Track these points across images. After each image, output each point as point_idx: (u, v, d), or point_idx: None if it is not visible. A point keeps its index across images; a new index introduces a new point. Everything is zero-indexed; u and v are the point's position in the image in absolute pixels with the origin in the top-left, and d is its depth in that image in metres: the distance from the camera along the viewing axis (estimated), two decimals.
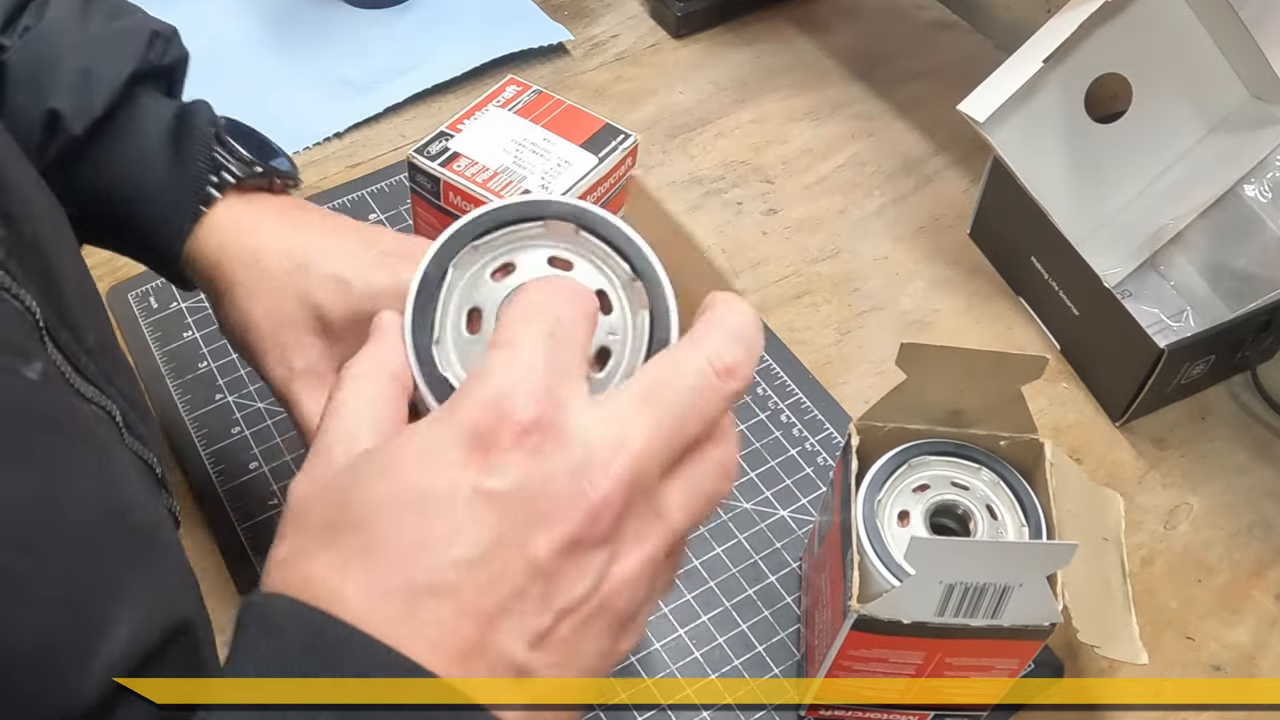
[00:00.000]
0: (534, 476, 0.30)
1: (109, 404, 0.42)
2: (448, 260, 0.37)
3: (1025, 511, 0.54)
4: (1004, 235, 0.79)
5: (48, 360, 0.38)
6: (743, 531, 0.66)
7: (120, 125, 0.52)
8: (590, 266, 0.37)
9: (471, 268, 0.37)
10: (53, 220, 0.45)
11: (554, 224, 0.37)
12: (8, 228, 0.38)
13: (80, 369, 0.41)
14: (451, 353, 0.37)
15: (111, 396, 0.43)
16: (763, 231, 0.82)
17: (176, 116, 0.53)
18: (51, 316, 0.39)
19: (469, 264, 0.37)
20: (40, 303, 0.38)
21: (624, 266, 0.37)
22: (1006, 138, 0.72)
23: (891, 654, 0.52)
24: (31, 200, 0.42)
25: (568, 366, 0.33)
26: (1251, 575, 0.66)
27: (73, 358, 0.40)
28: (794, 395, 0.72)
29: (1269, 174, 0.74)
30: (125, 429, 0.44)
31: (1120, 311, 0.69)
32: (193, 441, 0.68)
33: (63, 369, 0.39)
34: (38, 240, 0.41)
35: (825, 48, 0.94)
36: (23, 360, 0.35)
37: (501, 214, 0.37)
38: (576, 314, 0.34)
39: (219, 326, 0.53)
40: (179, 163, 0.51)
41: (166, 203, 0.51)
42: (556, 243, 0.37)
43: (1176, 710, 0.61)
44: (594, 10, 0.96)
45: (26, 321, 0.37)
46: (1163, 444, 0.72)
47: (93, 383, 0.41)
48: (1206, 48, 0.76)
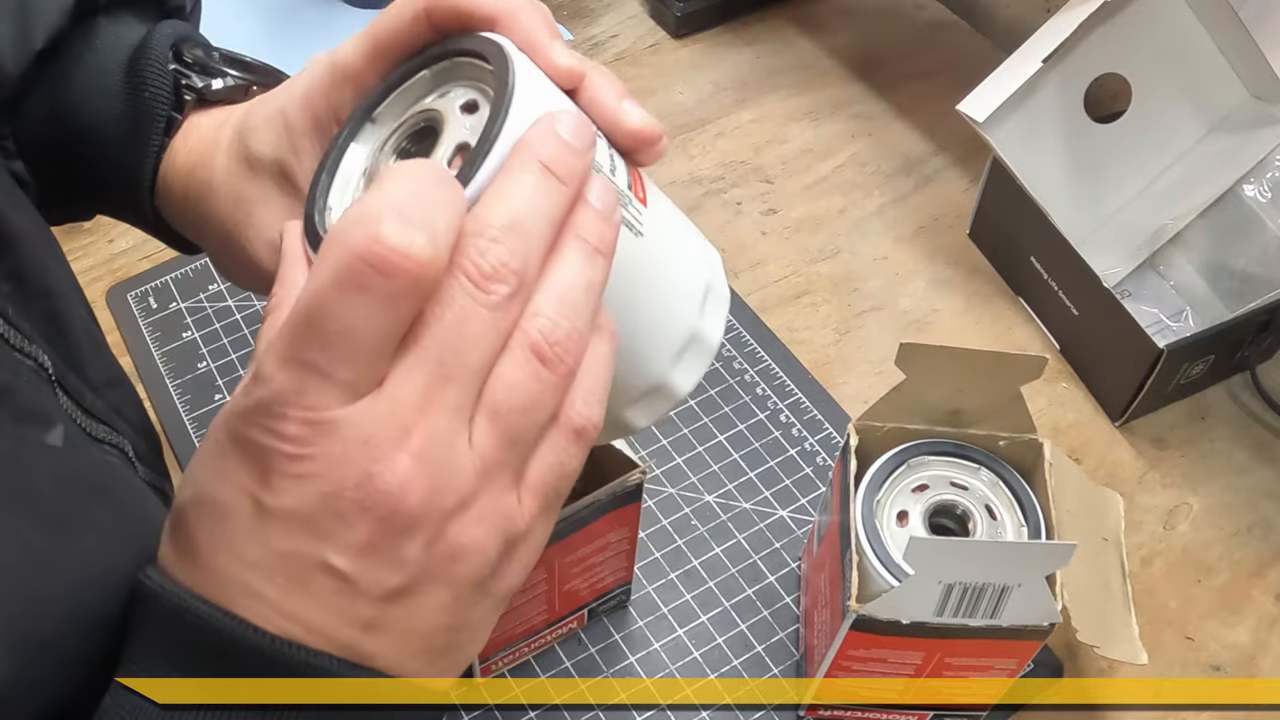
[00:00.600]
0: (305, 500, 0.28)
1: (120, 440, 0.42)
2: (343, 138, 0.35)
3: (1024, 512, 0.54)
4: (1003, 235, 0.79)
5: (62, 414, 0.37)
6: (742, 531, 0.66)
7: (70, 60, 0.45)
8: (463, 87, 0.34)
9: (375, 141, 0.35)
10: (54, 256, 0.43)
11: (437, 69, 0.35)
12: (15, 281, 0.38)
13: (88, 409, 0.40)
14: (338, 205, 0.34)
15: (121, 430, 0.42)
16: (762, 231, 0.82)
17: (141, 43, 0.45)
18: (60, 364, 0.39)
19: (371, 138, 0.35)
20: (49, 351, 0.38)
21: (483, 65, 0.33)
22: (1006, 138, 0.72)
23: (890, 654, 0.52)
24: (34, 242, 0.41)
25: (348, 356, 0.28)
26: (1251, 575, 0.66)
27: (80, 399, 0.40)
28: (793, 395, 0.72)
29: (1269, 174, 0.74)
30: (137, 461, 0.43)
31: (1120, 311, 0.69)
32: (192, 442, 0.68)
33: (73, 415, 0.39)
34: (45, 288, 0.40)
35: (825, 48, 0.94)
36: (44, 426, 0.34)
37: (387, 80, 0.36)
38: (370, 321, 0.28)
39: (224, 277, 0.46)
40: (134, 93, 0.44)
41: (120, 137, 0.44)
42: (444, 86, 0.35)
43: (1176, 710, 0.61)
44: (593, 10, 0.96)
45: (41, 379, 0.37)
46: (1162, 444, 0.72)
47: (102, 421, 0.41)
48: (1206, 48, 0.76)
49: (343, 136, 0.35)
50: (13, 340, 0.36)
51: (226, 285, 0.76)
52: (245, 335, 0.73)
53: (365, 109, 0.35)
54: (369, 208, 0.28)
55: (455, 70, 0.35)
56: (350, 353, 0.28)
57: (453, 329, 0.29)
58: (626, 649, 0.62)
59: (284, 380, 0.28)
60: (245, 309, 0.75)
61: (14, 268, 0.38)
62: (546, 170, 0.30)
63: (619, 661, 0.62)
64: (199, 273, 0.77)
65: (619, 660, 0.62)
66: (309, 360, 0.28)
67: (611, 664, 0.61)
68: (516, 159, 0.30)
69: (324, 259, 0.28)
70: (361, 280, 0.27)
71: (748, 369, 0.73)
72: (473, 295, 0.29)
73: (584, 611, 0.61)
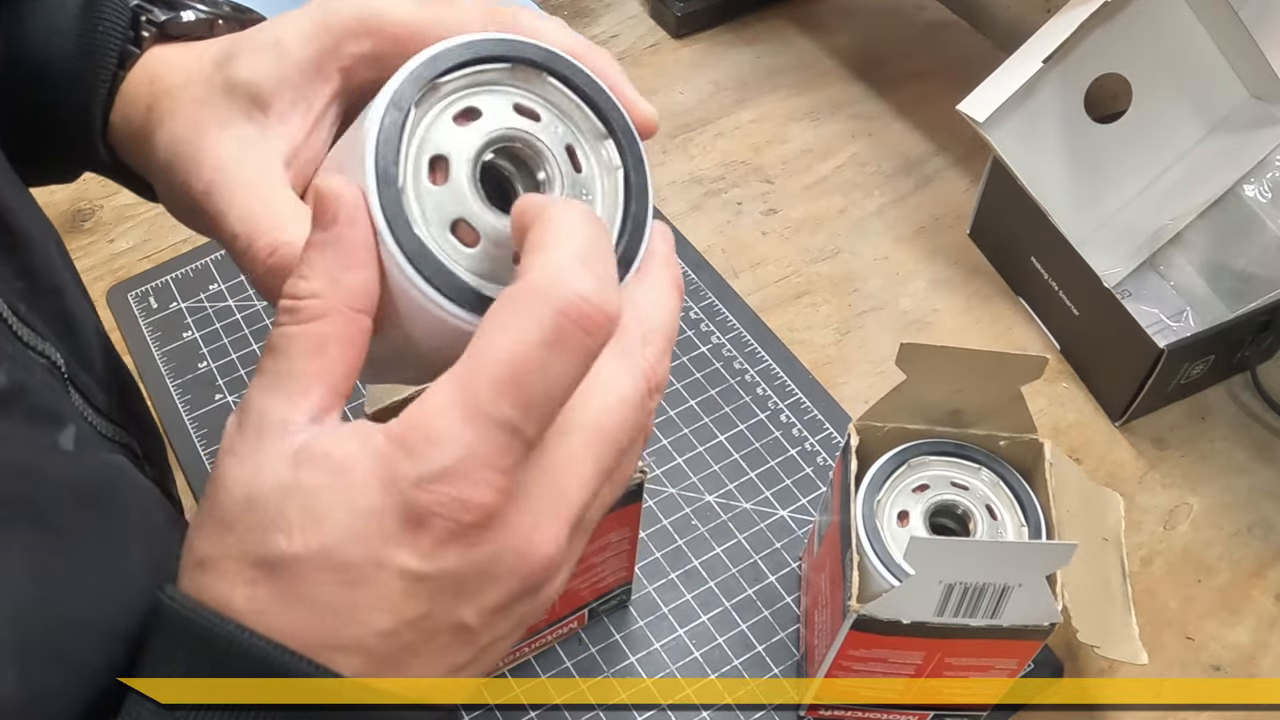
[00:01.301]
0: (467, 565, 0.28)
1: (129, 439, 0.42)
2: (408, 99, 0.32)
3: (1025, 511, 0.54)
4: (1004, 235, 0.79)
5: (74, 412, 0.37)
6: (742, 531, 0.66)
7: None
8: (554, 118, 0.33)
9: (432, 109, 0.32)
10: (61, 254, 0.43)
11: (521, 68, 0.33)
12: (27, 279, 0.37)
13: (99, 408, 0.40)
14: (415, 206, 0.31)
15: (130, 429, 0.42)
16: (762, 231, 0.82)
17: None
18: (72, 362, 0.38)
19: (429, 105, 0.32)
20: (60, 349, 0.37)
21: (594, 120, 0.33)
22: (1006, 138, 0.72)
23: (891, 654, 0.52)
24: (43, 240, 0.40)
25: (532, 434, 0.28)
26: (1251, 575, 0.66)
27: (91, 398, 0.39)
28: (794, 395, 0.72)
29: (1269, 174, 0.74)
30: (145, 460, 0.43)
31: (1120, 311, 0.69)
32: (192, 441, 0.68)
33: (84, 413, 0.38)
34: (56, 286, 0.40)
35: (825, 48, 0.94)
36: (57, 426, 0.34)
37: (465, 50, 0.33)
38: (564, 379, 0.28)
39: (170, 210, 0.41)
40: (90, 28, 0.41)
41: (73, 73, 0.41)
42: (522, 88, 0.33)
43: (1176, 710, 0.61)
44: (594, 10, 0.96)
45: (54, 377, 0.36)
46: (1162, 444, 0.72)
47: (112, 419, 0.41)
48: (1206, 48, 0.76)
49: (408, 96, 0.32)
50: (26, 338, 0.35)
51: (227, 285, 0.76)
52: (246, 335, 0.73)
53: (434, 71, 0.32)
54: (565, 263, 0.27)
55: (546, 90, 0.33)
56: (548, 412, 0.28)
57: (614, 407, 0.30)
58: (627, 649, 0.62)
59: (476, 440, 0.27)
60: (246, 309, 0.75)
61: (25, 265, 0.38)
62: (677, 287, 0.33)
63: (619, 661, 0.62)
64: (199, 273, 0.77)
65: (619, 660, 0.62)
66: (505, 419, 0.27)
67: (612, 664, 0.61)
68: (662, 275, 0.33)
69: (523, 313, 0.27)
70: (568, 339, 0.27)
71: (748, 369, 0.73)
72: (640, 390, 0.30)
73: (584, 611, 0.61)
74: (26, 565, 0.30)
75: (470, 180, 0.32)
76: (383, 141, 0.31)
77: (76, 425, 0.34)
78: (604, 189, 0.33)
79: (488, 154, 0.32)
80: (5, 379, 0.31)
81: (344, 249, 0.30)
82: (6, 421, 0.31)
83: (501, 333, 0.27)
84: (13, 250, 0.37)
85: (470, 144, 0.32)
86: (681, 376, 0.73)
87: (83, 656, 0.31)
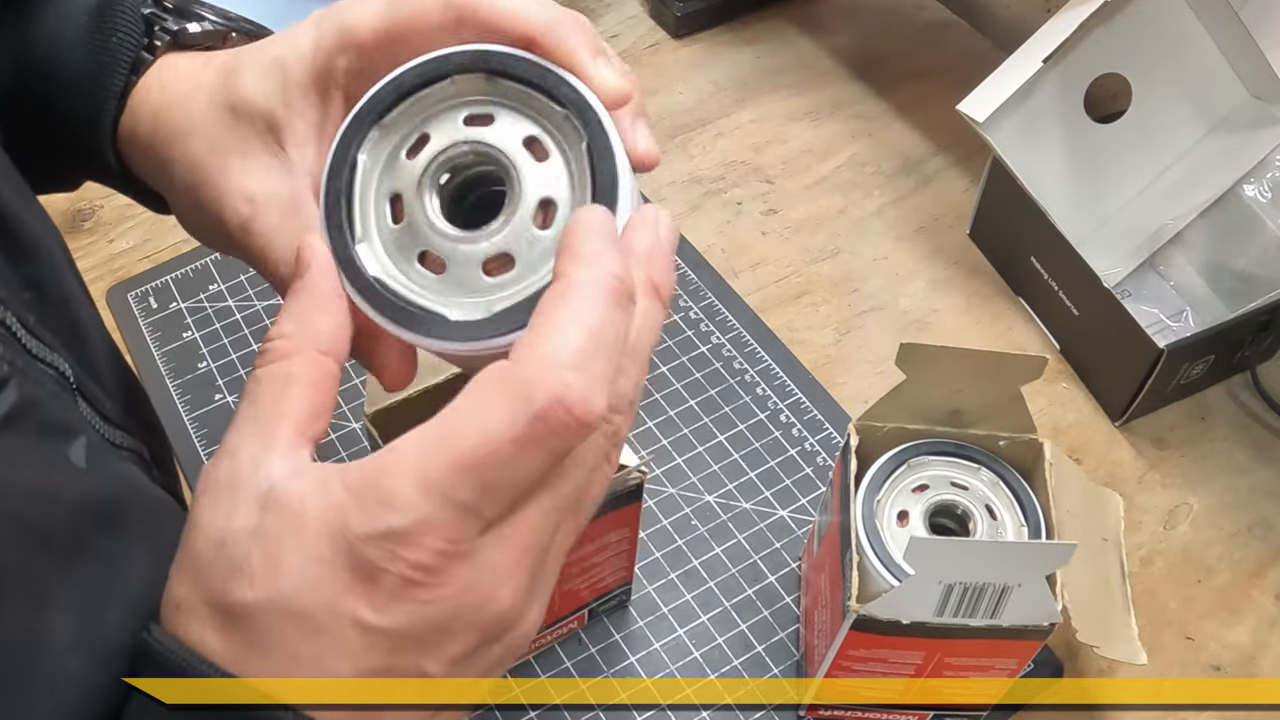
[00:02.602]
0: (421, 620, 0.28)
1: (138, 445, 0.41)
2: (353, 148, 0.33)
3: (1025, 511, 0.54)
4: (1003, 235, 0.79)
5: (84, 423, 0.37)
6: (742, 531, 0.66)
7: (35, 6, 0.42)
8: (511, 115, 0.33)
9: (384, 150, 0.34)
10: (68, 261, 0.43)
11: (461, 79, 0.33)
12: (35, 289, 0.37)
13: (107, 416, 0.39)
14: (379, 249, 0.33)
15: (138, 435, 0.42)
16: (762, 231, 0.82)
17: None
18: (80, 372, 0.38)
19: (380, 147, 0.34)
20: (68, 359, 0.37)
21: (549, 103, 0.33)
22: (1006, 138, 0.72)
23: (891, 654, 0.52)
24: (50, 247, 0.40)
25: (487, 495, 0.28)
26: (1251, 575, 0.66)
27: (100, 407, 0.39)
28: (793, 395, 0.72)
29: (1269, 174, 0.74)
30: (154, 465, 0.43)
31: (1120, 311, 0.69)
32: (192, 441, 0.68)
33: (93, 423, 0.38)
34: (63, 295, 0.39)
35: (825, 48, 0.94)
36: (67, 439, 0.33)
37: (401, 82, 0.33)
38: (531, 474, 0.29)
39: (187, 227, 0.42)
40: (103, 36, 0.41)
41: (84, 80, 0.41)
42: (470, 98, 0.34)
43: (1176, 710, 0.61)
44: (593, 10, 0.96)
45: (63, 387, 0.36)
46: (1162, 444, 0.72)
47: (121, 427, 0.40)
48: (1206, 48, 0.76)
49: (352, 147, 0.34)
50: (35, 350, 0.35)
51: (227, 285, 0.76)
52: (245, 335, 0.74)
53: (374, 112, 0.34)
54: (559, 356, 0.28)
55: (495, 89, 0.34)
56: (507, 497, 0.28)
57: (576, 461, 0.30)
58: (627, 649, 0.62)
59: (428, 512, 0.27)
60: (245, 309, 0.75)
61: (33, 275, 0.37)
62: (655, 292, 0.32)
63: (619, 661, 0.62)
64: (199, 273, 0.77)
65: (619, 660, 0.62)
66: (462, 500, 0.28)
67: (612, 664, 0.61)
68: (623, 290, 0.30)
69: (502, 402, 0.28)
70: (541, 441, 0.28)
71: (748, 369, 0.73)
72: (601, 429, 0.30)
73: (584, 611, 0.61)
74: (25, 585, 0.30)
75: (424, 211, 0.33)
76: (330, 200, 0.33)
77: (87, 436, 0.34)
78: (575, 163, 0.33)
79: (443, 175, 0.34)
80: (16, 394, 0.31)
81: (314, 296, 0.32)
82: (17, 437, 0.31)
83: (477, 416, 0.28)
84: (21, 260, 0.37)
85: (416, 174, 0.33)
86: (681, 376, 0.73)
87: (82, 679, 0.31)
